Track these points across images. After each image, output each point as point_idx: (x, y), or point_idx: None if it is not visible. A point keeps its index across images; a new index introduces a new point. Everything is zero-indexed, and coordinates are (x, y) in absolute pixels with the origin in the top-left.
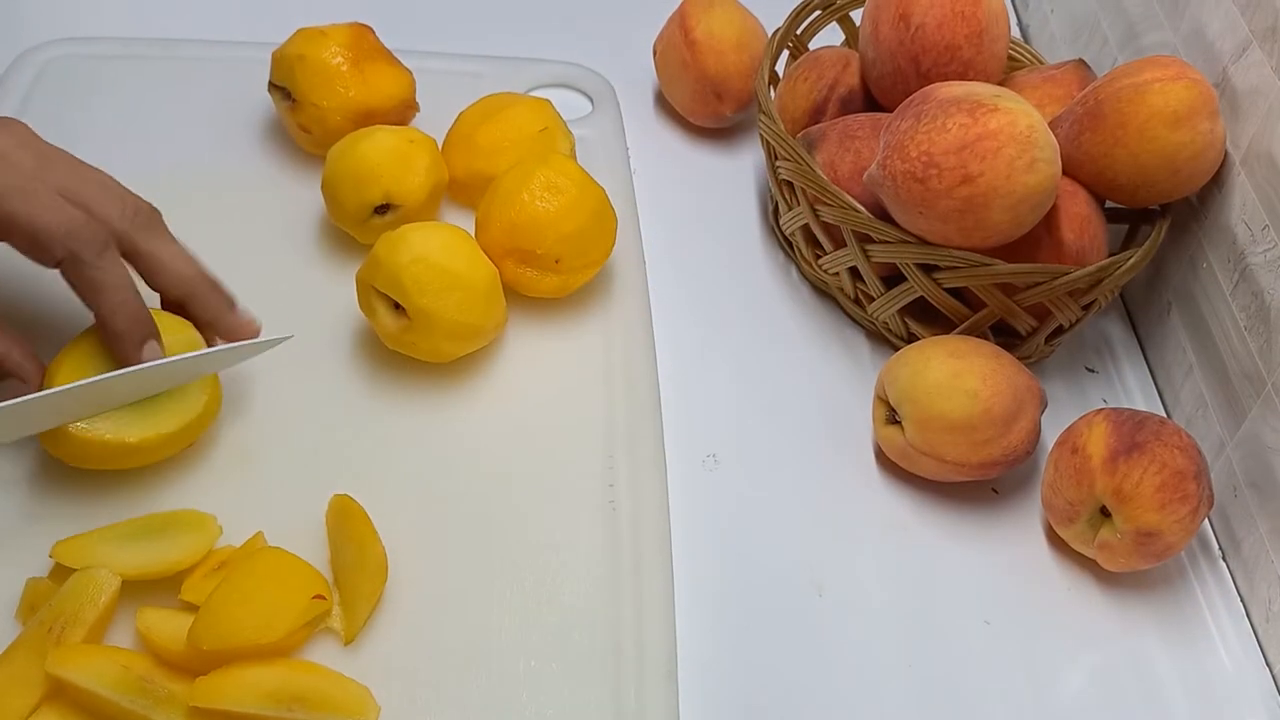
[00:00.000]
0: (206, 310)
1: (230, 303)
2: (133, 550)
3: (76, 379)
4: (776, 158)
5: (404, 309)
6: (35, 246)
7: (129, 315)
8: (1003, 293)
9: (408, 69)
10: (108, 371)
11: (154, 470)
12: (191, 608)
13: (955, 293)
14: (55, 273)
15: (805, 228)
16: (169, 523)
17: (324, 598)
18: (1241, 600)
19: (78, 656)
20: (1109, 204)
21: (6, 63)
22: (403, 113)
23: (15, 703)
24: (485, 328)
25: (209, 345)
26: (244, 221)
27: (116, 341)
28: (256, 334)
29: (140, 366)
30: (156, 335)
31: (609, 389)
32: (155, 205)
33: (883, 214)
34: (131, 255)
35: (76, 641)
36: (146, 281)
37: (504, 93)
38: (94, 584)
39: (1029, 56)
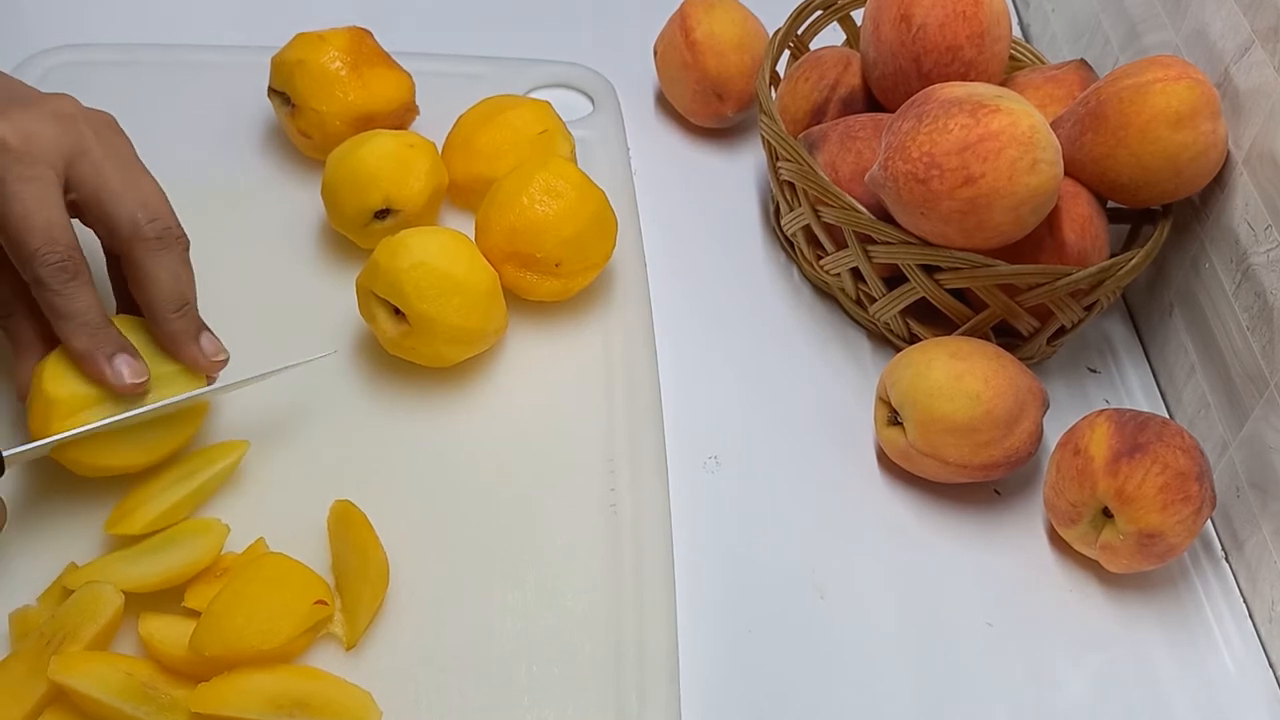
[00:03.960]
0: (171, 338)
1: (195, 336)
2: (142, 564)
3: (59, 385)
4: (778, 158)
5: (404, 314)
6: (15, 254)
7: (89, 335)
8: (1004, 294)
9: (407, 72)
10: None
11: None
12: (194, 614)
13: (957, 294)
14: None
15: (807, 228)
16: (177, 535)
17: (326, 603)
18: (1244, 601)
19: (80, 663)
20: (1111, 204)
21: (9, 70)
22: (402, 116)
23: (6, 714)
24: (486, 332)
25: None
26: (244, 227)
27: (81, 362)
28: (217, 367)
29: (149, 407)
30: (128, 349)
31: (610, 392)
32: None
33: (884, 215)
34: (124, 261)
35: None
36: (130, 289)
37: (503, 95)
38: (96, 600)
39: (1030, 57)
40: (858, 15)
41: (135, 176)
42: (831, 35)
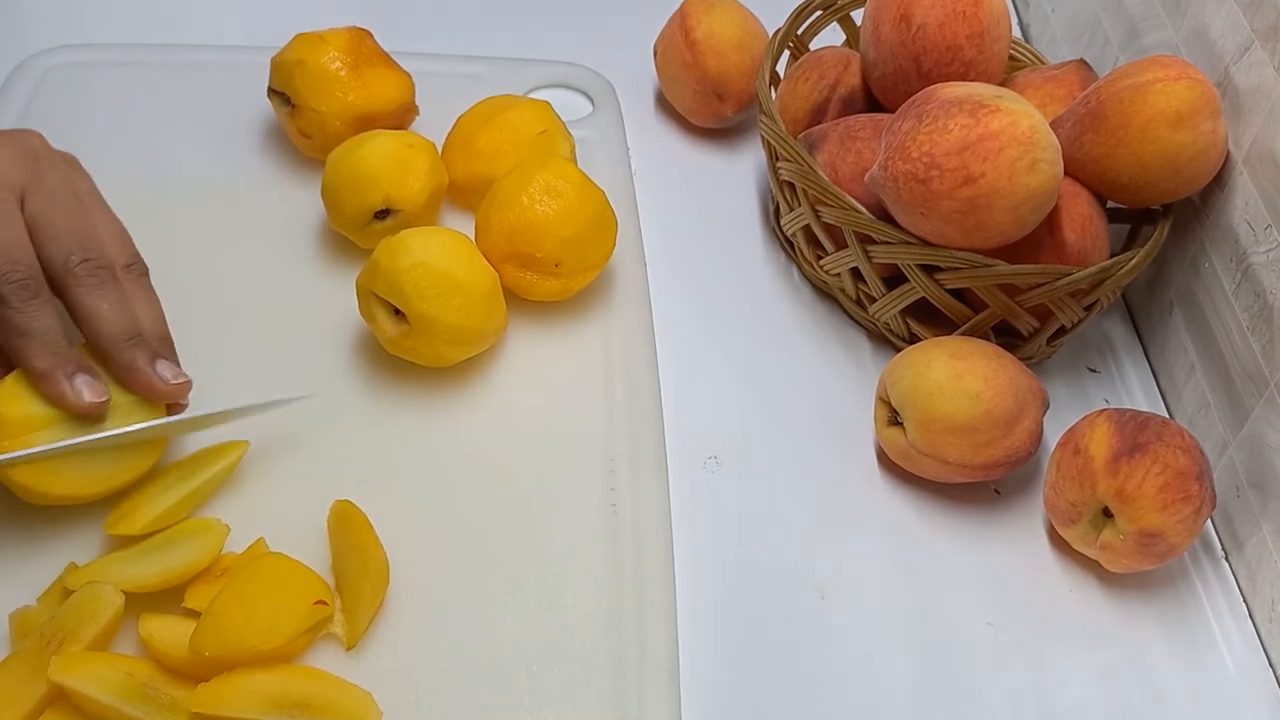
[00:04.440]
0: (124, 368)
1: (148, 362)
2: (142, 565)
3: (12, 405)
4: (777, 158)
5: (404, 314)
6: None
7: (50, 354)
8: (1004, 293)
9: (407, 72)
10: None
11: None
12: (194, 614)
13: (957, 293)
14: None
15: (806, 228)
16: (177, 535)
17: (326, 603)
18: (1244, 601)
19: (80, 663)
20: (1111, 204)
21: (8, 70)
22: (402, 116)
23: (6, 715)
24: (486, 332)
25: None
26: (244, 227)
27: (41, 382)
28: (176, 394)
29: (100, 434)
30: (89, 370)
31: (610, 392)
32: (155, 211)
33: (884, 215)
34: (65, 302)
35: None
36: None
37: (503, 95)
38: (96, 601)
39: (1030, 56)
40: (857, 15)
41: (86, 214)
42: (831, 35)
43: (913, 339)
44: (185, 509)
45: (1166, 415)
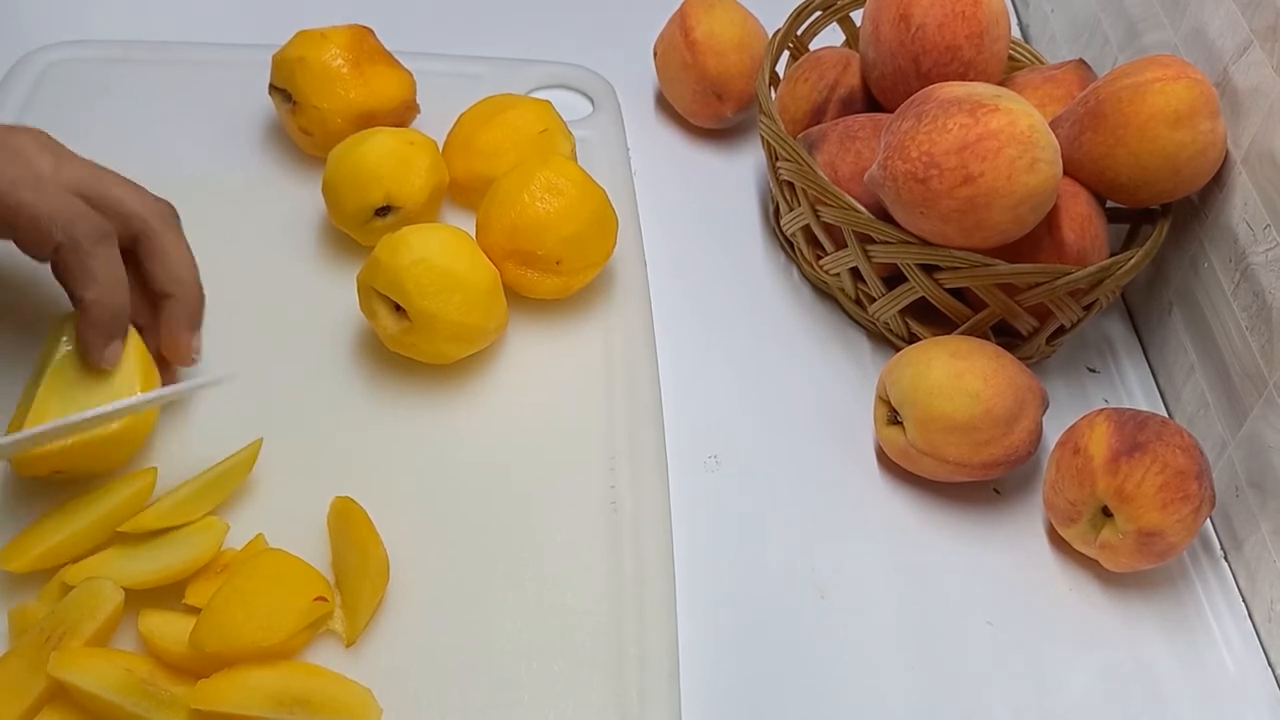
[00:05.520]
0: (175, 316)
1: (195, 325)
2: (142, 561)
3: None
4: (777, 158)
5: (405, 311)
6: (35, 235)
7: (110, 309)
8: (1004, 293)
9: (408, 70)
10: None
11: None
12: (194, 610)
13: (956, 293)
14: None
15: (806, 228)
16: (177, 531)
17: (326, 600)
18: (1244, 600)
19: (80, 659)
20: (1110, 204)
21: (7, 66)
22: (403, 114)
23: (6, 710)
24: (486, 329)
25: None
26: (245, 224)
27: (90, 330)
28: (187, 364)
29: (101, 410)
30: (123, 338)
31: (610, 390)
32: None
33: (883, 214)
34: (141, 239)
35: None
36: (144, 266)
37: (504, 94)
38: (96, 596)
39: (1029, 56)
40: (857, 16)
41: (115, 175)
42: (831, 36)
43: (912, 338)
44: (201, 506)
45: (1166, 415)
